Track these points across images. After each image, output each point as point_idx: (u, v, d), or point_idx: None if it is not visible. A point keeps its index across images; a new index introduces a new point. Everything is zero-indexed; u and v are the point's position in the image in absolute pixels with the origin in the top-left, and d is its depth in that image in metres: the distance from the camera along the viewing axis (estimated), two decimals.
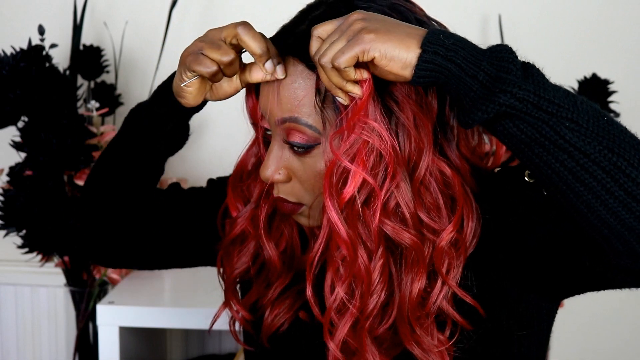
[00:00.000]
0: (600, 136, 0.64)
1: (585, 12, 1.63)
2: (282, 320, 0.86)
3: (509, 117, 0.65)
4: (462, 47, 0.65)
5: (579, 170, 0.64)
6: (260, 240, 0.87)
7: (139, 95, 1.64)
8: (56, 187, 1.38)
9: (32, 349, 1.71)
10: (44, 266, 1.52)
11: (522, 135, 0.65)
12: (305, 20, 0.78)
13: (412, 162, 0.74)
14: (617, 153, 0.63)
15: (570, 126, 0.63)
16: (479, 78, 0.64)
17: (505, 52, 0.64)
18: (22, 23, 1.60)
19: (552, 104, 0.63)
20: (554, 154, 0.64)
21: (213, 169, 1.69)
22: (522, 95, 0.63)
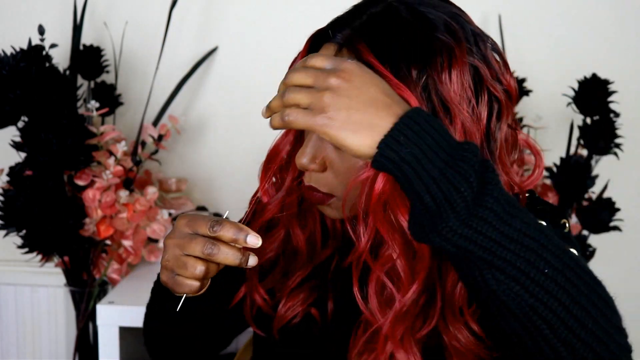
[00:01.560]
0: (534, 297, 0.63)
1: (586, 12, 1.62)
2: (295, 313, 0.87)
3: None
4: (418, 159, 0.62)
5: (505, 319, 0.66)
6: (290, 227, 0.87)
7: (139, 95, 1.64)
8: (56, 187, 1.37)
9: (32, 349, 1.71)
10: (44, 266, 1.52)
11: (454, 261, 0.67)
12: (364, 15, 0.76)
13: None
14: (541, 316, 0.64)
15: (499, 277, 0.63)
16: (424, 201, 0.62)
17: (462, 171, 0.61)
18: (22, 23, 1.59)
19: (487, 252, 0.62)
20: (480, 290, 0.65)
21: (213, 169, 1.69)
22: (456, 241, 0.62)
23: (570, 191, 1.45)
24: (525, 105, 1.58)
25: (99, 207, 1.41)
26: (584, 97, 1.44)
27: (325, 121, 0.63)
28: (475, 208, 0.61)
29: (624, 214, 1.50)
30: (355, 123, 0.63)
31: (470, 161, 0.61)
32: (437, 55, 0.72)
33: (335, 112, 0.63)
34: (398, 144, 0.62)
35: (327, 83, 0.64)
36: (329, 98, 0.64)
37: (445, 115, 0.72)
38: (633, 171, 1.64)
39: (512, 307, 0.64)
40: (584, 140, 1.45)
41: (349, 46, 0.74)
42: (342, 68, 0.65)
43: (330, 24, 0.79)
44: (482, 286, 0.64)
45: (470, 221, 0.61)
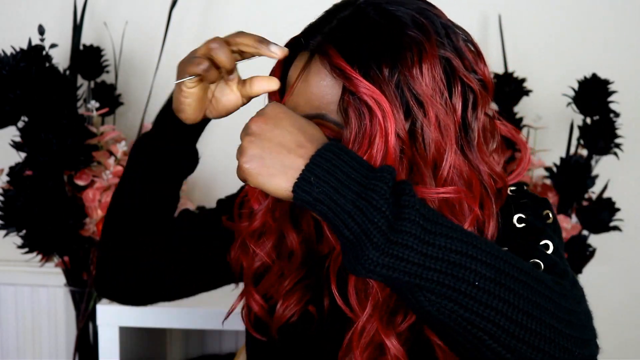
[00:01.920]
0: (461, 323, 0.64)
1: (586, 11, 1.63)
2: (292, 312, 0.87)
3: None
4: (330, 196, 0.63)
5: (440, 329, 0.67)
6: (284, 231, 0.88)
7: (139, 95, 1.64)
8: (56, 187, 1.37)
9: (32, 349, 1.71)
10: (44, 266, 1.52)
11: (392, 291, 0.69)
12: (334, 20, 0.77)
13: (435, 162, 0.75)
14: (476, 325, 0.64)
15: (430, 298, 0.63)
16: (344, 235, 0.63)
17: (373, 201, 0.62)
18: (22, 23, 1.59)
19: (412, 276, 0.62)
20: (417, 311, 0.66)
21: (213, 168, 1.69)
22: (379, 271, 0.62)
23: (570, 191, 1.45)
24: (525, 105, 1.58)
25: (99, 207, 1.41)
26: (584, 97, 1.44)
27: (245, 166, 0.67)
28: (394, 234, 0.61)
29: (624, 214, 1.50)
30: (269, 167, 0.66)
31: (381, 190, 0.62)
32: (407, 51, 0.73)
33: (250, 157, 0.67)
34: (309, 184, 0.64)
35: (245, 130, 0.69)
36: (245, 143, 0.68)
37: (419, 110, 0.73)
38: (633, 171, 1.64)
39: (450, 324, 0.64)
40: (584, 140, 1.45)
41: (319, 52, 0.76)
42: (263, 112, 0.69)
43: (303, 31, 0.80)
44: (417, 307, 0.65)
45: (389, 249, 0.61)
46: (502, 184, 0.80)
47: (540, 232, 0.78)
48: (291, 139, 0.67)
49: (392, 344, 0.78)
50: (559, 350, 0.64)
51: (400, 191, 0.63)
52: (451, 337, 0.66)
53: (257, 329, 0.91)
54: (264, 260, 0.90)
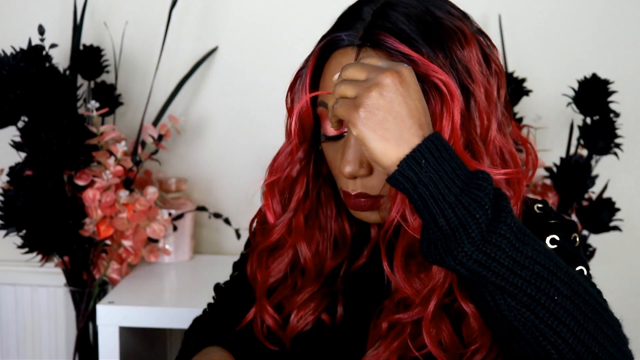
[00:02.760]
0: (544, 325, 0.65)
1: (585, 11, 1.62)
2: (307, 322, 0.87)
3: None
4: (436, 183, 0.63)
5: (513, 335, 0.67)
6: (297, 245, 0.87)
7: (139, 95, 1.64)
8: (56, 187, 1.37)
9: (32, 349, 1.71)
10: (44, 266, 1.52)
11: (466, 284, 0.69)
12: (365, 14, 0.77)
13: (484, 135, 0.77)
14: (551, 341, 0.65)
15: (510, 303, 0.65)
16: (438, 224, 0.63)
17: (478, 198, 0.63)
18: (22, 23, 1.59)
19: (500, 278, 0.63)
20: (491, 314, 0.67)
21: (213, 169, 1.69)
22: (470, 266, 0.63)
23: (570, 191, 1.45)
24: (525, 105, 1.58)
25: (99, 207, 1.41)
26: (584, 97, 1.44)
27: (362, 115, 0.64)
28: (489, 235, 0.63)
29: (624, 214, 1.50)
30: (386, 130, 0.64)
31: (485, 189, 0.63)
32: (452, 34, 0.75)
33: (374, 109, 0.64)
34: (419, 165, 0.63)
35: (379, 79, 0.65)
36: (375, 94, 0.64)
37: (472, 87, 0.75)
38: (633, 171, 1.64)
39: (523, 332, 0.65)
40: (584, 140, 1.45)
41: (371, 42, 0.75)
42: (398, 69, 0.66)
43: (334, 32, 0.79)
44: (493, 310, 0.66)
45: (484, 247, 0.62)
46: (516, 172, 0.81)
47: (575, 257, 0.79)
48: (417, 115, 0.65)
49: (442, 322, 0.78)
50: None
51: (498, 197, 0.65)
52: (518, 344, 0.68)
53: (269, 340, 0.90)
54: (279, 276, 0.89)
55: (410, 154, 0.64)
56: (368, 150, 0.65)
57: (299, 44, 1.68)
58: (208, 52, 1.62)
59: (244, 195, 1.66)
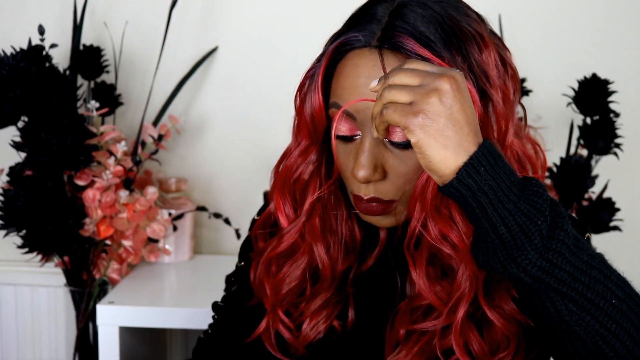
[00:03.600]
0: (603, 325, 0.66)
1: (586, 11, 1.62)
2: (319, 330, 0.84)
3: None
4: (494, 191, 0.63)
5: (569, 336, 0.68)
6: (315, 250, 0.84)
7: (139, 95, 1.64)
8: (56, 187, 1.37)
9: (32, 349, 1.71)
10: (44, 266, 1.52)
11: (524, 291, 0.69)
12: (380, 16, 0.75)
13: (501, 139, 0.76)
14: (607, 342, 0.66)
15: (571, 308, 0.65)
16: (499, 232, 0.63)
17: (537, 205, 0.64)
18: (22, 23, 1.59)
19: (562, 284, 0.64)
20: (550, 319, 0.68)
21: (213, 169, 1.69)
22: (534, 273, 0.63)
23: (570, 191, 1.45)
24: (525, 105, 1.58)
25: (99, 207, 1.41)
26: (584, 97, 1.44)
27: (422, 122, 0.62)
28: (550, 241, 0.63)
29: (624, 214, 1.50)
30: (445, 137, 0.63)
31: (543, 195, 0.64)
32: (470, 38, 0.74)
33: (434, 116, 0.63)
34: (478, 173, 0.63)
35: (437, 84, 0.63)
36: (435, 100, 0.63)
37: (490, 91, 0.74)
38: (633, 171, 1.64)
39: (583, 336, 0.66)
40: (584, 140, 1.45)
41: (390, 43, 0.72)
42: (453, 75, 0.64)
43: (348, 31, 0.76)
44: (553, 316, 0.66)
45: (546, 253, 0.63)
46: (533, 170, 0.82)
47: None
48: (473, 122, 0.65)
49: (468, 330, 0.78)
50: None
51: (554, 203, 0.65)
52: (576, 348, 0.68)
53: (280, 350, 0.86)
54: (295, 284, 0.85)
55: (469, 162, 0.63)
56: (426, 158, 0.64)
57: (299, 44, 1.68)
58: (208, 52, 1.62)
59: (244, 195, 1.67)
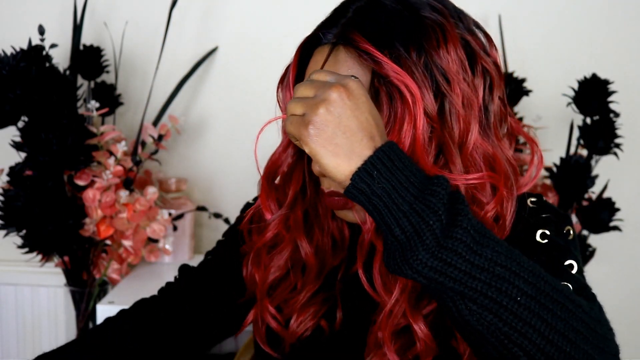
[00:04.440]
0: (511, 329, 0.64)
1: (586, 11, 1.62)
2: (307, 327, 0.86)
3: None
4: (389, 194, 0.63)
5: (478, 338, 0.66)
6: (298, 241, 0.87)
7: (139, 95, 1.64)
8: (56, 187, 1.37)
9: (32, 349, 1.71)
10: (44, 266, 1.52)
11: (428, 292, 0.67)
12: (349, 11, 0.78)
13: (462, 140, 0.75)
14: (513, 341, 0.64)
15: (471, 307, 0.63)
16: (394, 233, 0.63)
17: (431, 204, 0.62)
18: (22, 23, 1.59)
19: (458, 283, 0.63)
20: (455, 320, 0.66)
21: (213, 169, 1.69)
22: (426, 273, 0.62)
23: (570, 191, 1.45)
24: (525, 105, 1.58)
25: (99, 207, 1.41)
26: (584, 97, 1.44)
27: (312, 132, 0.64)
28: (445, 240, 0.62)
29: (624, 214, 1.50)
30: (336, 145, 0.64)
31: (439, 195, 0.63)
32: (431, 33, 0.74)
33: (322, 126, 0.64)
34: (371, 177, 0.63)
35: (326, 94, 0.65)
36: (323, 110, 0.64)
37: (447, 87, 0.74)
38: (633, 171, 1.64)
39: (487, 336, 0.64)
40: (584, 140, 1.45)
41: (344, 41, 0.75)
42: (345, 83, 0.65)
43: (318, 28, 0.80)
44: (456, 316, 0.65)
45: (439, 253, 0.61)
46: (515, 172, 0.81)
47: (565, 251, 0.78)
48: (367, 127, 0.65)
49: (419, 328, 0.78)
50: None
51: (454, 200, 0.64)
52: (484, 348, 0.66)
53: (269, 345, 0.89)
54: (279, 273, 0.88)
55: (362, 167, 0.64)
56: (321, 166, 0.65)
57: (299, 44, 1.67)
58: (208, 52, 1.62)
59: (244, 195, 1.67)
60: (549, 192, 1.48)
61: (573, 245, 0.81)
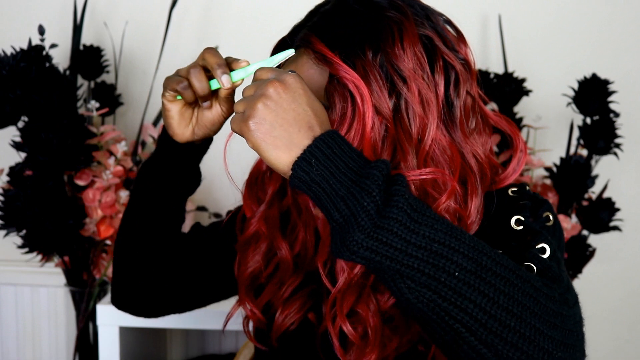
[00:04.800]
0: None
1: (585, 12, 1.63)
2: (292, 320, 0.88)
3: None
4: (327, 180, 0.65)
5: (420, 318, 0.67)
6: (273, 239, 0.90)
7: (139, 95, 1.64)
8: (56, 187, 1.37)
9: (32, 349, 1.71)
10: (44, 266, 1.52)
11: (373, 273, 0.69)
12: (316, 14, 0.81)
13: (419, 137, 0.76)
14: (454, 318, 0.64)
15: (410, 285, 0.64)
16: (334, 218, 0.65)
17: (365, 186, 0.64)
18: (22, 23, 1.59)
19: (394, 262, 0.63)
20: (398, 299, 0.67)
21: (213, 169, 1.69)
22: (362, 253, 0.63)
23: (570, 191, 1.45)
24: (525, 105, 1.58)
25: (99, 207, 1.41)
26: (584, 97, 1.44)
27: (252, 127, 0.67)
28: (380, 220, 0.63)
29: (624, 214, 1.50)
30: (275, 138, 0.67)
31: (374, 177, 0.64)
32: (387, 31, 0.76)
33: (260, 120, 0.67)
34: (309, 165, 0.65)
35: (263, 90, 0.68)
36: (260, 105, 0.67)
37: (403, 85, 0.75)
38: (633, 171, 1.64)
39: (428, 313, 0.65)
40: (584, 140, 1.45)
41: (303, 44, 0.78)
42: (281, 79, 0.68)
43: (290, 31, 0.84)
44: (397, 295, 0.65)
45: (375, 233, 0.63)
46: (486, 166, 0.81)
47: (537, 235, 0.78)
48: (304, 118, 0.67)
49: (367, 320, 0.79)
50: (537, 350, 0.64)
51: (392, 181, 0.65)
52: (431, 327, 0.66)
53: (258, 339, 0.92)
54: (255, 267, 0.91)
55: (300, 156, 0.66)
56: (265, 158, 0.67)
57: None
58: None
59: None
60: (549, 192, 1.48)
61: (550, 231, 0.81)
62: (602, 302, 1.67)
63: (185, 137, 0.86)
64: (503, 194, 0.83)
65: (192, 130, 0.86)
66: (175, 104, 0.84)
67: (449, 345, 0.66)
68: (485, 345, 0.64)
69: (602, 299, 1.67)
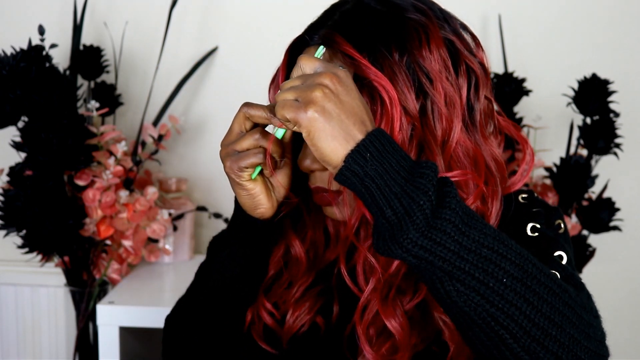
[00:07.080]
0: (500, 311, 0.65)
1: (585, 12, 1.63)
2: (303, 322, 0.87)
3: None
4: (381, 175, 0.64)
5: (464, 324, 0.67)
6: (287, 239, 0.89)
7: (139, 95, 1.64)
8: (56, 187, 1.37)
9: (32, 349, 1.71)
10: (44, 266, 1.52)
11: (417, 273, 0.68)
12: (336, 14, 0.80)
13: (444, 139, 0.77)
14: (501, 324, 0.65)
15: (459, 288, 0.64)
16: (385, 215, 0.64)
17: (421, 186, 0.63)
18: (22, 23, 1.59)
19: (446, 263, 0.63)
20: (443, 301, 0.67)
21: (213, 169, 1.69)
22: (416, 252, 0.63)
23: (570, 191, 1.45)
24: (525, 105, 1.58)
25: (99, 207, 1.41)
26: (584, 97, 1.44)
27: (310, 115, 0.65)
28: (434, 220, 0.63)
29: (624, 214, 1.50)
30: (333, 128, 0.65)
31: (428, 177, 0.64)
32: (414, 33, 0.76)
33: (321, 109, 0.65)
34: (364, 159, 0.65)
35: (319, 80, 0.66)
36: (319, 93, 0.65)
37: (429, 86, 0.76)
38: (633, 171, 1.64)
39: (474, 317, 0.65)
40: (584, 140, 1.45)
41: (327, 43, 0.77)
42: (334, 71, 0.67)
43: (306, 30, 0.82)
44: (444, 297, 0.66)
45: (429, 233, 0.63)
46: (501, 170, 0.82)
47: (554, 243, 0.79)
48: (358, 112, 0.67)
49: (391, 325, 0.79)
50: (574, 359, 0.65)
51: (443, 183, 0.65)
52: (472, 330, 0.67)
53: (266, 342, 0.89)
54: (272, 272, 0.89)
55: (355, 149, 0.65)
56: (318, 149, 0.66)
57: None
58: (208, 52, 1.63)
59: None
60: (549, 192, 1.48)
61: (563, 238, 0.82)
62: (602, 302, 1.66)
63: (274, 209, 0.81)
64: (513, 200, 0.84)
65: (275, 198, 0.81)
66: (257, 180, 0.78)
67: (489, 349, 0.67)
68: (527, 352, 0.65)
69: (602, 299, 1.67)
